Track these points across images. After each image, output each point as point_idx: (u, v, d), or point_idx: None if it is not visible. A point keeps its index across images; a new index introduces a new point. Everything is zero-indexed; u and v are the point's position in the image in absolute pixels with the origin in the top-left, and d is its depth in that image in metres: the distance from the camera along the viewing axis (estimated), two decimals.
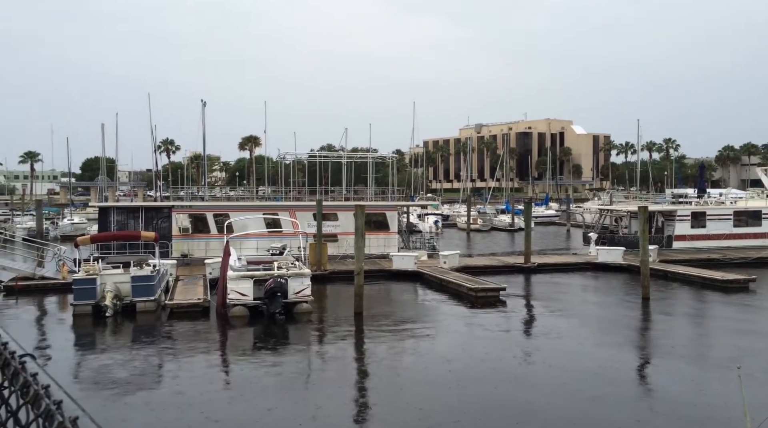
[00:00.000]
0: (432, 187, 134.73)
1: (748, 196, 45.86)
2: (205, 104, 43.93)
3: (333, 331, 19.89)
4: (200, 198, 39.41)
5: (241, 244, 30.12)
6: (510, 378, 14.44)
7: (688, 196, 44.47)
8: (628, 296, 25.51)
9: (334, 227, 34.54)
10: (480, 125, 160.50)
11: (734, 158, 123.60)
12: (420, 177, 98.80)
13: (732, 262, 33.09)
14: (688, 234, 38.27)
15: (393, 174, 44.33)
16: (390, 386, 13.97)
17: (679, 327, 20.50)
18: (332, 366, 15.86)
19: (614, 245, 35.34)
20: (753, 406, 8.59)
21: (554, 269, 32.47)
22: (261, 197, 44.31)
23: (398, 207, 39.23)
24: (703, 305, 24.13)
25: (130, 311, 21.46)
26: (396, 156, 53.19)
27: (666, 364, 15.73)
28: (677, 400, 12.90)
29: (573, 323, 20.59)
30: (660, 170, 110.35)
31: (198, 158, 76.33)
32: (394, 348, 17.42)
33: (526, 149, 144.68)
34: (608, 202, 55.05)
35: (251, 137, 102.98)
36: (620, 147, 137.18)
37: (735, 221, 39.00)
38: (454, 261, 31.02)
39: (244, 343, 18.69)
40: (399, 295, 26.66)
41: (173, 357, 16.47)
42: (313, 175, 46.89)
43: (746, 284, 26.67)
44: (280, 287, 20.75)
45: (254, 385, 13.91)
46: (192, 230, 33.51)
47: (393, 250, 33.75)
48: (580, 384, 13.94)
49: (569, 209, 70.02)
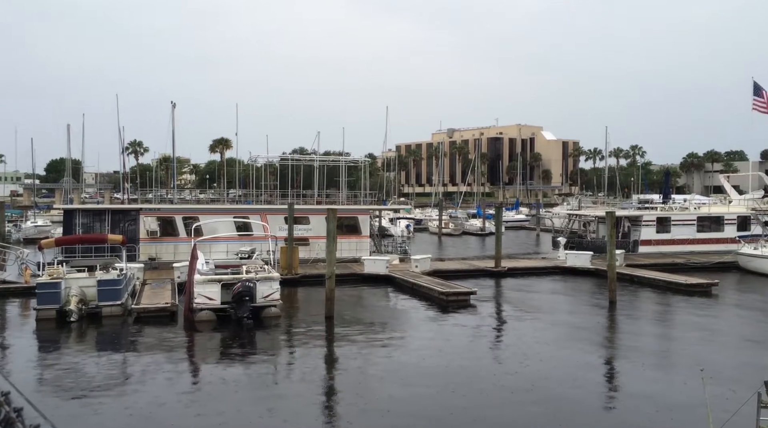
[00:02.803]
0: (404, 191, 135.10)
1: (711, 202, 47.09)
2: (174, 106, 43.53)
3: (302, 335, 19.76)
4: (169, 201, 38.89)
5: (211, 247, 29.81)
6: (479, 382, 14.51)
7: (653, 202, 45.50)
8: (596, 300, 25.92)
9: (305, 231, 34.41)
10: (452, 129, 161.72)
11: (698, 165, 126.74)
12: (392, 181, 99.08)
13: (695, 266, 33.90)
14: (654, 239, 39.12)
15: (365, 178, 44.39)
16: (359, 390, 13.93)
17: (644, 330, 20.89)
18: (301, 370, 15.75)
19: (582, 249, 35.89)
20: (716, 408, 8.80)
21: (524, 273, 32.83)
22: (231, 200, 43.90)
23: (370, 211, 39.24)
24: (668, 309, 24.64)
25: (96, 316, 21.02)
26: (368, 160, 53.27)
27: (631, 367, 16.00)
28: (642, 402, 13.12)
29: (542, 326, 20.83)
30: (627, 176, 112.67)
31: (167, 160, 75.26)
32: (365, 352, 17.39)
33: (497, 154, 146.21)
34: (577, 207, 55.86)
35: (222, 140, 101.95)
36: (588, 153, 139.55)
37: (698, 227, 40.01)
38: (425, 265, 31.15)
39: (211, 348, 18.44)
40: (370, 299, 26.64)
41: (139, 362, 16.16)
42: (284, 178, 46.66)
43: (709, 288, 27.36)
44: (248, 291, 20.55)
45: (221, 391, 13.72)
46: (160, 233, 33.02)
47: (365, 254, 33.75)
48: (548, 387, 14.08)
49: (539, 214, 70.94)
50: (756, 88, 39.70)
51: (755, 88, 39.72)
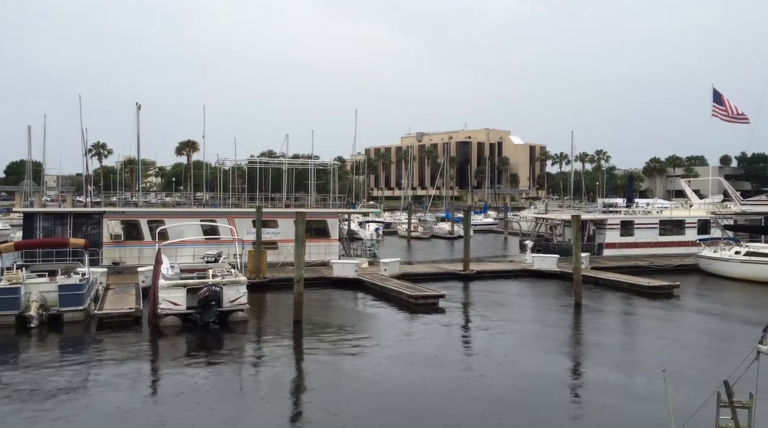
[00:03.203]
0: (373, 194, 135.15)
1: (673, 206, 48.30)
2: (139, 107, 42.69)
3: (270, 340, 19.58)
4: (134, 204, 38.17)
5: (177, 251, 29.35)
6: (447, 386, 14.56)
7: (617, 205, 46.43)
8: (562, 302, 26.29)
9: (273, 234, 34.17)
10: (421, 133, 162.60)
11: (660, 170, 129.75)
12: (362, 185, 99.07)
13: (657, 269, 34.66)
14: (618, 242, 39.90)
15: (334, 181, 44.26)
16: (327, 395, 13.84)
17: (608, 332, 21.27)
18: (268, 375, 15.59)
19: (549, 252, 36.40)
20: (677, 407, 8.96)
21: (492, 276, 33.13)
22: (198, 203, 43.27)
23: (339, 214, 39.15)
24: (632, 311, 25.13)
25: (57, 322, 20.49)
26: (337, 163, 53.16)
27: (596, 368, 16.26)
28: (606, 402, 13.34)
29: (509, 329, 21.03)
30: (592, 180, 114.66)
31: (132, 162, 73.85)
32: (333, 356, 17.31)
33: (465, 158, 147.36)
34: (543, 211, 56.68)
35: (189, 142, 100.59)
36: (555, 157, 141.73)
37: (660, 230, 40.96)
38: (394, 268, 31.19)
39: (177, 354, 18.11)
40: (339, 302, 26.55)
41: (101, 369, 15.79)
42: (252, 181, 46.29)
43: (671, 290, 28.02)
44: (214, 295, 20.29)
45: (186, 397, 13.49)
46: (124, 237, 32.42)
47: (333, 257, 33.65)
48: (515, 390, 14.23)
49: (507, 218, 71.71)
50: (716, 95, 40.85)
51: (715, 96, 40.88)
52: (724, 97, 40.52)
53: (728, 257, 33.45)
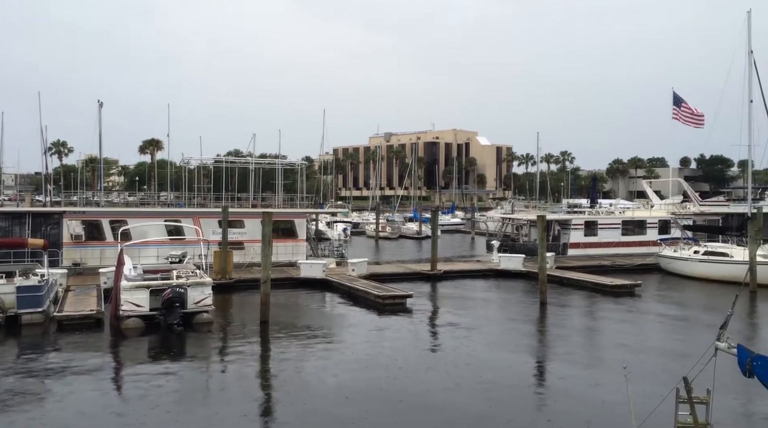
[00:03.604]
0: (342, 194, 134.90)
1: (635, 207, 49.37)
2: (102, 105, 41.84)
3: (236, 341, 19.35)
4: (95, 203, 37.23)
5: (140, 252, 28.81)
6: (414, 385, 14.60)
7: (582, 206, 47.27)
8: (527, 301, 26.65)
9: (240, 235, 33.80)
10: (389, 133, 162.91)
11: (623, 171, 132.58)
12: (329, 184, 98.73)
13: (620, 268, 35.40)
14: (582, 242, 40.61)
15: (302, 181, 43.96)
16: (294, 396, 13.74)
17: (572, 330, 21.62)
18: (234, 377, 15.40)
19: (515, 252, 36.84)
20: (638, 403, 9.15)
21: (459, 276, 33.39)
22: (163, 203, 42.49)
23: (307, 215, 38.93)
24: (595, 309, 25.60)
25: (15, 325, 19.88)
26: (305, 163, 52.83)
27: (560, 365, 16.52)
28: (569, 399, 13.56)
29: (475, 328, 21.20)
30: (557, 181, 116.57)
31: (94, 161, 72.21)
32: (300, 357, 17.20)
33: (433, 159, 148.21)
34: (510, 211, 57.37)
35: (153, 141, 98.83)
36: (521, 158, 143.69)
37: (623, 230, 41.84)
38: (362, 269, 31.16)
39: (139, 356, 17.76)
40: (306, 303, 26.41)
41: (61, 372, 15.38)
42: (218, 181, 45.63)
43: (632, 289, 28.65)
44: (178, 296, 19.96)
45: (149, 401, 13.23)
46: (85, 237, 31.65)
47: (301, 258, 33.45)
48: (480, 388, 14.34)
49: (474, 218, 72.34)
50: (676, 98, 41.89)
51: (675, 99, 41.92)
52: (683, 101, 41.61)
53: (687, 256, 34.35)
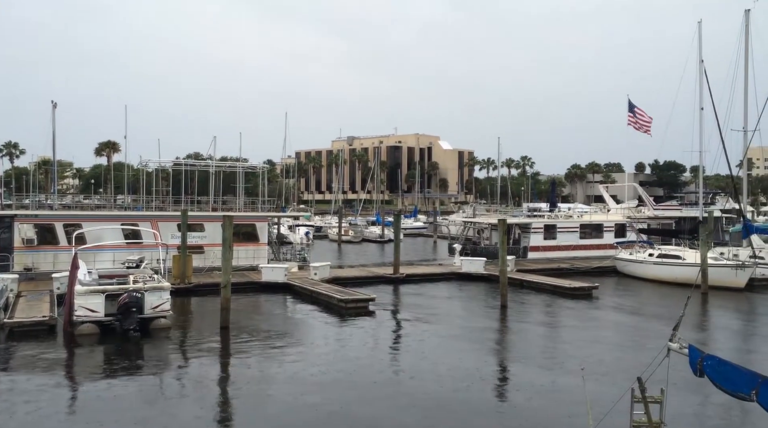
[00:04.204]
0: (304, 198, 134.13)
1: (592, 211, 50.47)
2: (55, 106, 40.68)
3: (195, 347, 18.99)
4: (48, 207, 36.11)
5: (95, 257, 28.06)
6: (377, 389, 14.58)
7: (541, 210, 48.04)
8: (489, 304, 26.93)
9: (200, 238, 33.25)
10: (352, 137, 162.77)
11: (581, 176, 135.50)
12: (292, 188, 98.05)
13: (578, 271, 36.11)
14: (542, 245, 41.27)
15: (264, 184, 43.53)
16: (254, 402, 13.56)
17: (532, 332, 21.94)
18: (192, 384, 15.09)
19: (477, 255, 37.18)
20: (595, 404, 9.34)
21: (421, 280, 33.53)
22: (120, 206, 41.50)
23: (269, 218, 38.55)
24: (554, 311, 26.03)
25: None
26: (267, 166, 52.34)
27: (519, 367, 16.75)
28: (527, 400, 13.74)
29: (437, 331, 21.31)
30: (518, 185, 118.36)
31: (47, 163, 70.10)
32: (261, 362, 16.98)
33: (396, 163, 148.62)
34: (471, 215, 57.91)
35: (109, 143, 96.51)
36: (483, 163, 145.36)
37: (581, 234, 42.69)
38: (324, 273, 31.01)
39: (94, 364, 17.26)
40: (268, 308, 26.12)
41: (12, 381, 14.82)
42: (178, 184, 44.82)
43: (590, 291, 29.25)
44: (135, 301, 19.50)
45: (104, 410, 12.86)
46: (38, 241, 30.63)
47: (262, 262, 33.11)
48: (442, 389, 14.41)
49: (436, 222, 72.82)
50: (630, 105, 43.11)
51: (629, 106, 43.14)
52: (636, 108, 42.83)
53: (642, 259, 35.26)
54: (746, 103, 36.18)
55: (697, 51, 36.68)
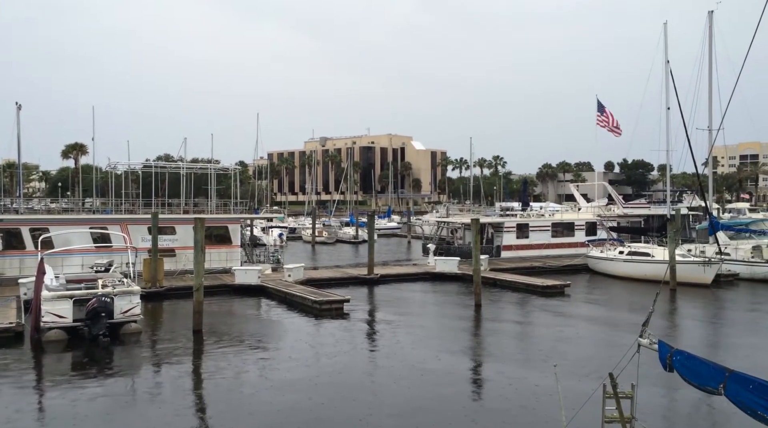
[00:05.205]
0: (277, 199, 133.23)
1: (564, 209, 51.12)
2: (20, 107, 39.58)
3: (167, 352, 18.70)
4: (14, 211, 35.24)
5: (63, 261, 27.48)
6: (352, 391, 14.54)
7: (514, 209, 48.48)
8: (463, 304, 27.06)
9: (171, 241, 32.79)
10: (325, 138, 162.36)
11: (552, 175, 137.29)
12: (264, 189, 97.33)
13: (550, 269, 36.52)
14: (514, 244, 41.64)
15: (236, 186, 43.11)
16: (228, 406, 13.40)
17: (505, 330, 22.12)
18: (164, 389, 14.86)
19: (450, 255, 37.36)
20: (567, 400, 9.43)
21: (396, 280, 33.57)
22: (88, 210, 40.66)
23: (241, 220, 38.20)
24: (527, 310, 26.28)
25: None
26: (239, 168, 51.86)
27: (493, 365, 16.85)
28: (501, 397, 13.84)
29: (412, 331, 21.35)
30: (490, 185, 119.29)
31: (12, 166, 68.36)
32: (235, 365, 16.80)
33: (369, 163, 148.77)
34: (445, 215, 58.15)
35: (76, 145, 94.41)
36: (455, 163, 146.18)
37: (553, 232, 43.19)
38: (298, 274, 30.83)
39: (62, 370, 16.88)
40: (242, 310, 25.87)
41: None
42: (148, 186, 44.10)
43: (562, 289, 29.61)
44: (104, 306, 19.13)
45: (71, 418, 12.58)
46: (3, 246, 29.91)
47: (235, 264, 32.79)
48: (416, 388, 14.43)
49: (410, 222, 72.99)
50: (599, 105, 43.76)
51: (599, 106, 43.79)
52: (606, 109, 43.51)
53: (613, 256, 35.82)
54: (711, 103, 37.09)
55: (663, 52, 37.39)
